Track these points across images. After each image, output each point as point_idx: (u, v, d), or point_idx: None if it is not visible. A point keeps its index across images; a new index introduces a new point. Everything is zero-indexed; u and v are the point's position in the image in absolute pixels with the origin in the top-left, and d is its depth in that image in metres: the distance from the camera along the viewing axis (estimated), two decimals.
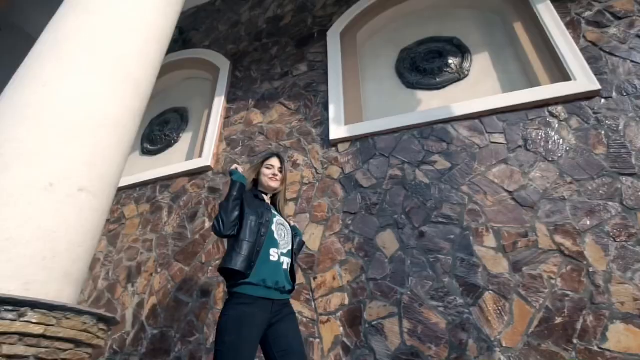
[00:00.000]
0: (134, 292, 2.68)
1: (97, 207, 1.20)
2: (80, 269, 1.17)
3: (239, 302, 1.32)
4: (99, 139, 1.24)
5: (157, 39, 1.61)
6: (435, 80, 2.87)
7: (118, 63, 1.39)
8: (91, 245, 1.23)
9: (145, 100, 1.55)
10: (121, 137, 1.35)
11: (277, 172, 1.68)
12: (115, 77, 1.36)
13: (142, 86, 1.49)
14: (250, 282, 1.35)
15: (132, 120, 1.44)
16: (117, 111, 1.34)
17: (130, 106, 1.43)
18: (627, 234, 1.84)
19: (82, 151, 1.17)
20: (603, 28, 2.52)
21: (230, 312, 1.31)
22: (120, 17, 1.47)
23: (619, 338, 1.64)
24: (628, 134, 2.10)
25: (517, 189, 2.12)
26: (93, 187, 1.18)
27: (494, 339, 1.78)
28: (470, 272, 1.97)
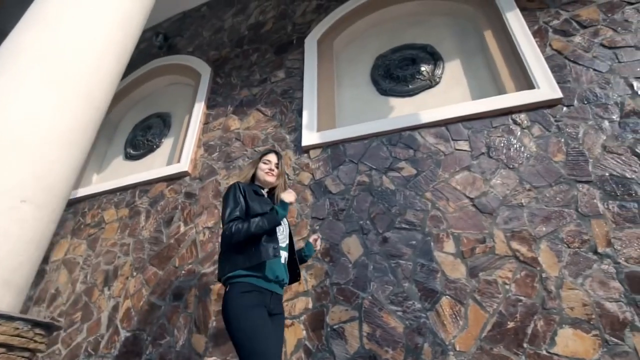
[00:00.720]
0: (110, 295, 2.73)
1: (42, 217, 1.25)
2: (23, 276, 1.21)
3: (244, 291, 1.40)
4: (46, 152, 1.29)
5: (115, 54, 1.66)
6: (407, 87, 2.92)
7: (70, 77, 1.44)
8: (35, 254, 1.28)
9: (99, 114, 1.59)
10: (71, 151, 1.40)
11: (273, 167, 1.76)
12: (67, 92, 1.42)
13: (96, 101, 1.54)
14: (255, 275, 1.43)
15: (84, 134, 1.49)
16: (67, 125, 1.39)
17: (82, 120, 1.48)
18: (580, 241, 1.88)
19: (27, 164, 1.23)
20: (569, 37, 2.57)
21: (237, 300, 1.37)
22: (76, 32, 1.52)
23: (566, 342, 1.69)
24: (586, 142, 2.14)
25: (478, 196, 2.17)
26: (38, 199, 1.24)
27: (449, 343, 1.83)
28: (429, 277, 2.02)
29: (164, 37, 4.29)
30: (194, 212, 2.83)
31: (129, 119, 4.28)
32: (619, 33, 2.46)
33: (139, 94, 4.31)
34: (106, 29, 1.62)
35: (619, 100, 2.21)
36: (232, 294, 1.39)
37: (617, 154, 2.06)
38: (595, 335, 1.66)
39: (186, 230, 2.76)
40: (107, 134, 4.19)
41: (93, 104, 1.50)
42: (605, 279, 1.76)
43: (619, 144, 2.07)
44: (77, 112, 1.44)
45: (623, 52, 2.38)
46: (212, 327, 2.28)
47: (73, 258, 3.10)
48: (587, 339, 1.67)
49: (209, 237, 2.64)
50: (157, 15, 4.74)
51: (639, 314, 1.65)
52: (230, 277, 1.43)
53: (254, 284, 1.42)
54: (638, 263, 1.75)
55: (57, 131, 1.34)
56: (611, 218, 1.89)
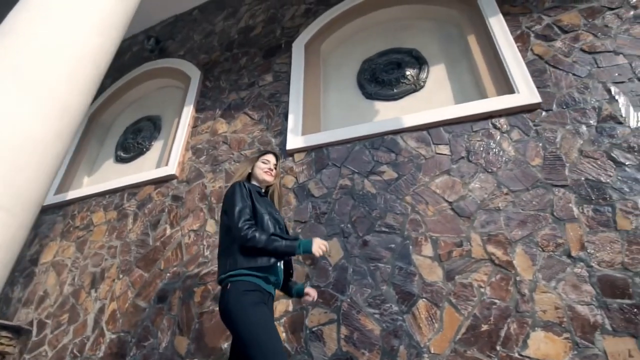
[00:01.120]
0: (97, 297, 2.76)
1: (13, 223, 1.28)
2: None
3: (248, 289, 1.39)
4: (19, 158, 1.32)
5: (93, 60, 1.69)
6: (392, 91, 2.95)
7: (45, 84, 1.47)
8: (5, 259, 1.30)
9: (75, 121, 1.61)
10: (44, 157, 1.42)
11: (272, 167, 1.79)
12: (41, 99, 1.44)
13: (71, 107, 1.56)
14: (257, 275, 1.44)
15: (58, 140, 1.51)
16: (41, 132, 1.42)
17: (57, 127, 1.51)
18: (554, 244, 1.90)
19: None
20: (550, 41, 2.60)
21: (242, 297, 1.36)
22: (51, 39, 1.54)
23: (538, 345, 1.71)
24: (564, 146, 2.17)
25: (456, 200, 2.19)
26: (10, 205, 1.27)
27: (424, 346, 1.85)
28: (407, 281, 2.04)
29: (156, 40, 4.33)
30: (180, 215, 2.86)
31: (120, 121, 4.32)
32: (599, 38, 2.48)
33: (131, 97, 4.34)
34: (84, 34, 1.65)
35: (597, 105, 2.23)
36: (236, 291, 1.38)
37: (593, 158, 2.08)
38: (566, 338, 1.68)
39: (172, 233, 2.79)
40: (99, 137, 4.23)
41: (68, 110, 1.53)
42: (577, 283, 1.79)
43: (595, 149, 2.10)
44: (51, 119, 1.47)
45: (602, 57, 2.40)
46: (194, 330, 2.30)
47: (62, 260, 3.13)
48: (558, 342, 1.69)
49: (194, 240, 2.67)
50: (150, 18, 4.79)
51: (609, 317, 1.68)
52: (232, 274, 1.43)
53: (257, 283, 1.42)
54: (610, 266, 1.78)
55: (29, 138, 1.36)
56: (585, 222, 1.91)
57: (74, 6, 1.66)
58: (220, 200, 2.80)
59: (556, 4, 2.77)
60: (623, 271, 1.75)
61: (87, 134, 4.12)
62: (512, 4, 2.89)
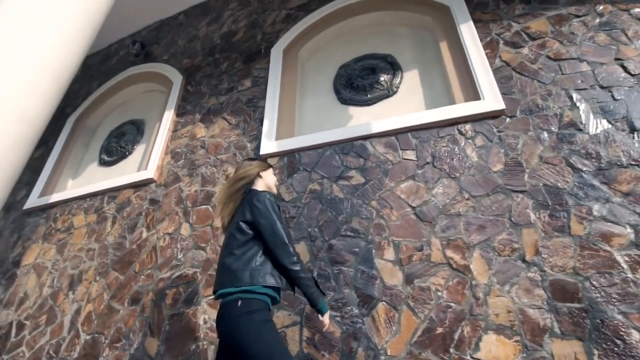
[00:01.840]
0: (74, 299, 2.81)
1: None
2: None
3: (259, 308, 1.41)
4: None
5: (55, 73, 1.73)
6: (366, 97, 2.99)
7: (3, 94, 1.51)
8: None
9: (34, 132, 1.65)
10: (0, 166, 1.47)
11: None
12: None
13: (30, 119, 1.61)
14: (270, 295, 1.49)
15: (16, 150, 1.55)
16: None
17: (14, 136, 1.55)
18: (510, 249, 1.95)
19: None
20: (518, 48, 2.64)
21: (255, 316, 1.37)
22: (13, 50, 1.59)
23: (489, 348, 1.75)
24: (525, 152, 2.21)
25: (419, 205, 2.24)
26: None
27: (381, 348, 1.90)
28: (368, 284, 2.09)
29: (141, 45, 4.38)
30: (156, 218, 2.91)
31: (106, 125, 4.38)
32: (565, 45, 2.53)
33: (117, 101, 4.40)
34: (46, 47, 1.70)
35: (559, 112, 2.27)
36: (248, 308, 1.38)
37: (552, 164, 2.12)
38: (517, 341, 1.73)
39: (148, 236, 2.84)
40: (85, 141, 4.29)
41: (27, 120, 1.58)
42: (530, 287, 1.83)
43: (555, 155, 2.14)
44: (8, 128, 1.52)
45: (567, 64, 2.45)
46: (164, 331, 2.35)
47: (42, 262, 3.18)
48: (508, 345, 1.73)
49: (168, 243, 2.72)
50: (136, 23, 4.85)
51: (558, 320, 1.72)
52: (248, 290, 1.41)
53: (266, 302, 1.46)
54: (562, 271, 1.82)
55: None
56: (541, 227, 1.95)
57: (38, 19, 1.71)
58: (196, 204, 2.85)
59: (526, 11, 2.82)
60: (574, 276, 1.79)
61: (72, 137, 4.18)
62: (484, 11, 2.94)
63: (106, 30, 4.88)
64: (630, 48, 2.37)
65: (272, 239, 1.49)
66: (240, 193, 1.69)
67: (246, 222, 1.54)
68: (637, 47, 2.37)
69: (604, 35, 2.49)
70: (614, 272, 1.75)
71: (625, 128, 2.10)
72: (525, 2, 2.87)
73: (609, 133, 2.11)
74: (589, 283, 1.75)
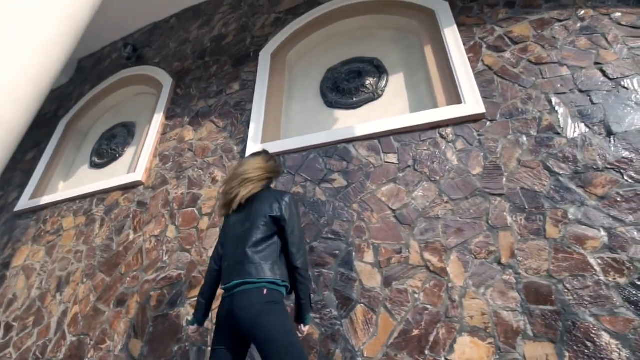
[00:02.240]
0: (61, 301, 2.84)
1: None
2: None
3: (280, 300, 1.49)
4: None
5: (35, 79, 1.75)
6: (352, 100, 3.02)
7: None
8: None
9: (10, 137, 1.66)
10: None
11: None
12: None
13: (7, 124, 1.63)
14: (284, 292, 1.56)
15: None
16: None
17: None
18: (487, 252, 1.97)
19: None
20: (500, 52, 2.66)
21: (280, 306, 1.46)
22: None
23: (464, 350, 1.77)
24: (504, 156, 2.23)
25: (399, 208, 2.26)
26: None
27: (358, 349, 1.92)
28: (347, 286, 2.11)
29: (133, 48, 4.42)
30: (143, 220, 2.93)
31: (98, 127, 4.41)
32: (546, 49, 2.55)
33: (109, 103, 4.44)
34: (25, 52, 1.72)
35: (538, 116, 2.30)
36: (274, 298, 1.44)
37: (530, 168, 2.14)
38: (490, 343, 1.75)
39: (134, 239, 2.87)
40: (77, 143, 4.32)
41: (4, 126, 1.60)
42: (505, 289, 1.85)
43: (533, 158, 2.16)
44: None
45: (547, 68, 2.47)
46: (148, 333, 2.37)
47: (31, 264, 3.21)
48: (482, 347, 1.75)
49: (154, 245, 2.75)
50: (129, 26, 4.89)
51: (531, 322, 1.74)
52: (273, 282, 1.47)
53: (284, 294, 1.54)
54: (537, 274, 1.84)
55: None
56: (517, 230, 1.98)
57: (17, 23, 1.74)
58: (182, 206, 2.87)
59: (509, 15, 2.84)
60: (548, 278, 1.81)
61: (64, 139, 4.21)
62: (468, 15, 2.96)
63: (100, 33, 4.94)
64: (610, 52, 2.39)
65: (293, 239, 1.56)
66: (263, 184, 1.72)
67: (273, 218, 1.57)
68: (616, 51, 2.39)
69: (584, 40, 2.51)
70: (587, 275, 1.77)
71: (602, 132, 2.13)
72: (509, 6, 2.90)
73: (586, 137, 2.13)
74: (562, 286, 1.78)
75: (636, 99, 2.17)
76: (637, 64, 2.30)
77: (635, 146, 2.02)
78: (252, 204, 1.64)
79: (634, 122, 2.10)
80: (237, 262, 1.52)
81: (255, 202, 1.65)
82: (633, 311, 1.64)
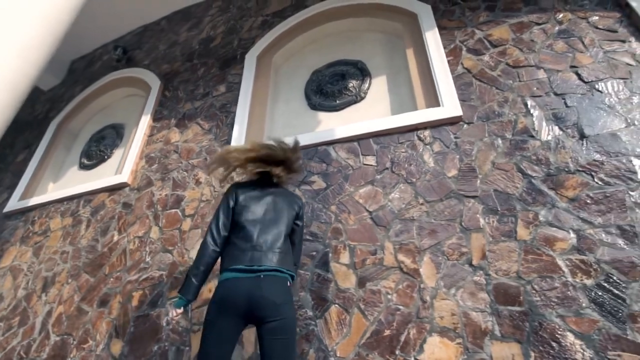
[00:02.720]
0: (46, 301, 2.87)
1: None
2: None
3: None
4: None
5: (11, 83, 1.78)
6: (335, 103, 3.05)
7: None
8: None
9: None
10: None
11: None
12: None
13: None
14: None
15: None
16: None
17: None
18: (459, 253, 1.99)
19: None
20: (479, 55, 2.69)
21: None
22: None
23: (433, 350, 1.80)
24: (479, 158, 2.26)
25: (376, 209, 2.29)
26: None
27: (331, 349, 1.94)
28: (323, 287, 2.14)
29: (123, 50, 4.45)
30: (128, 222, 2.97)
31: (88, 129, 4.44)
32: (524, 52, 2.58)
33: (99, 105, 4.47)
34: (1, 55, 1.75)
35: (514, 119, 2.32)
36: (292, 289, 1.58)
37: (504, 170, 2.17)
38: (459, 343, 1.77)
39: (119, 239, 2.90)
40: (67, 144, 4.35)
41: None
42: (475, 290, 1.88)
43: (507, 161, 2.19)
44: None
45: (524, 71, 2.50)
46: (129, 333, 2.40)
47: (19, 265, 3.25)
48: (451, 347, 1.78)
49: (138, 246, 2.78)
50: (121, 28, 4.92)
51: (499, 323, 1.76)
52: (293, 277, 1.61)
53: None
54: (506, 275, 1.87)
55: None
56: (489, 232, 2.00)
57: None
58: (166, 207, 2.90)
59: (490, 18, 2.87)
60: (517, 279, 1.84)
61: (54, 141, 4.25)
62: (450, 18, 2.99)
63: (92, 34, 4.98)
64: (586, 56, 2.42)
65: (301, 240, 1.82)
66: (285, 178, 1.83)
67: (295, 216, 1.76)
68: (592, 54, 2.42)
69: (562, 43, 2.54)
70: (555, 276, 1.80)
71: (576, 135, 2.15)
72: (489, 9, 2.93)
73: (559, 139, 2.16)
74: (531, 287, 1.80)
75: (609, 102, 2.20)
76: (612, 67, 2.33)
77: (606, 149, 2.05)
78: (274, 194, 1.74)
79: (606, 125, 2.13)
80: (268, 248, 1.56)
81: (277, 193, 1.75)
82: (598, 312, 1.67)
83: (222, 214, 1.69)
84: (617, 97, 2.20)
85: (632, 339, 1.59)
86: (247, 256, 1.54)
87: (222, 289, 1.53)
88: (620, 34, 2.45)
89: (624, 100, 2.18)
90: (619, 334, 1.60)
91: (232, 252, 1.59)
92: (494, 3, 2.93)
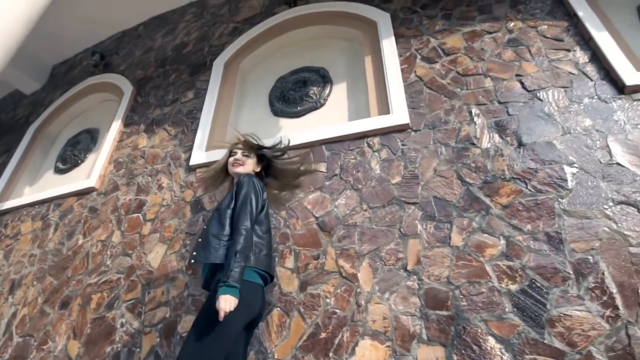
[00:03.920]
0: (12, 303, 2.95)
1: None
2: None
3: None
4: None
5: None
6: (296, 109, 3.11)
7: None
8: None
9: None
10: None
11: (239, 158, 2.03)
12: None
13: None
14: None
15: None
16: None
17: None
18: (395, 258, 2.05)
19: None
20: (432, 64, 2.75)
21: None
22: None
23: (364, 352, 1.85)
24: (423, 165, 2.32)
25: (322, 215, 2.35)
26: None
27: (270, 352, 2.00)
28: (267, 291, 2.19)
29: (101, 55, 4.53)
30: (93, 226, 3.04)
31: (65, 134, 4.52)
32: (474, 61, 2.64)
33: (76, 110, 4.55)
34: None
35: (458, 126, 2.38)
36: None
37: (444, 177, 2.23)
38: (388, 346, 1.83)
39: (83, 243, 2.97)
40: (44, 149, 4.44)
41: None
42: (407, 295, 1.93)
43: (448, 168, 2.25)
44: None
45: (473, 79, 2.56)
46: (85, 334, 2.48)
47: None
48: (380, 350, 1.83)
49: (100, 250, 2.85)
50: (101, 33, 5.01)
51: (427, 327, 1.82)
52: None
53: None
54: (437, 280, 1.92)
55: None
56: (425, 238, 2.06)
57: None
58: (129, 212, 2.98)
59: (445, 27, 2.93)
60: (447, 284, 1.89)
61: (32, 145, 4.33)
62: (408, 27, 3.05)
63: (72, 40, 5.06)
64: (531, 64, 2.48)
65: None
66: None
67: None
68: (537, 63, 2.47)
69: (510, 52, 2.60)
70: (483, 281, 1.85)
71: (514, 143, 2.21)
72: (445, 18, 2.98)
73: (498, 147, 2.22)
74: (459, 291, 1.86)
75: (548, 111, 2.25)
76: (555, 76, 2.39)
77: (541, 157, 2.11)
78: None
79: (543, 134, 2.18)
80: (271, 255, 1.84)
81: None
82: (520, 316, 1.73)
83: (255, 204, 1.72)
84: (556, 105, 2.26)
85: (548, 343, 1.64)
86: (273, 264, 1.76)
87: (256, 294, 1.67)
88: (566, 43, 2.51)
89: (562, 109, 2.23)
90: (536, 338, 1.66)
91: (262, 252, 1.74)
92: (450, 12, 2.99)
